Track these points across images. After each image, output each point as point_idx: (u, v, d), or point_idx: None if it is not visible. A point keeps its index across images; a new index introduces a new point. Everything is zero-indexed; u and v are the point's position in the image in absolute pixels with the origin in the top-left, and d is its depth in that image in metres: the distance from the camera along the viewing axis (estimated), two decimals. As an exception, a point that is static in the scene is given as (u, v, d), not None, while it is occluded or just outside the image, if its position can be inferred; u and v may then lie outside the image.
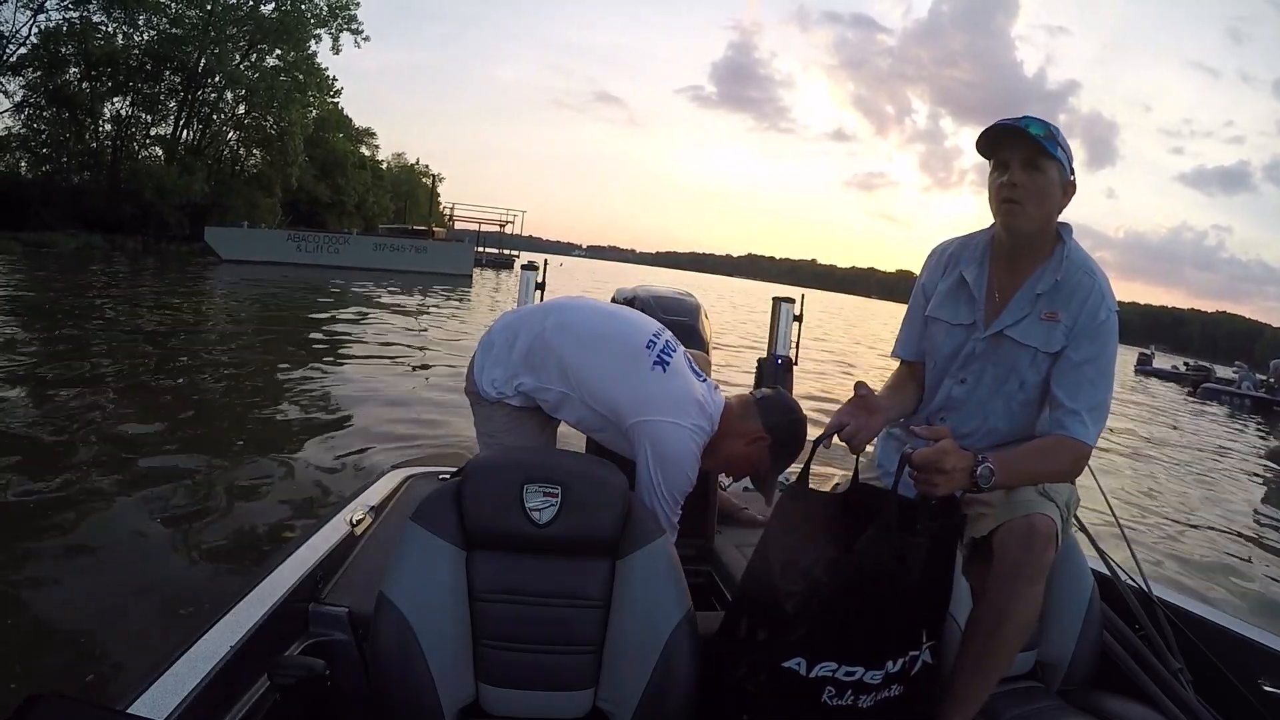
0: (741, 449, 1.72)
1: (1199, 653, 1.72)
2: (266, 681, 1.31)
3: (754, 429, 1.70)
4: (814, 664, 1.34)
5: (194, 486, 4.27)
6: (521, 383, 1.76)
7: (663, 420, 1.63)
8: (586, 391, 1.70)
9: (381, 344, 10.58)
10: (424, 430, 5.99)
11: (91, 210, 25.21)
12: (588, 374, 1.70)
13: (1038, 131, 1.46)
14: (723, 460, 1.76)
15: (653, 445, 1.63)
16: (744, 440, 1.71)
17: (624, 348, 1.71)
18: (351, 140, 45.71)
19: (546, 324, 1.77)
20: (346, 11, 32.25)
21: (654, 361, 1.68)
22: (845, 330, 31.04)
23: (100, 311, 11.28)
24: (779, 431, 1.71)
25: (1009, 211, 1.52)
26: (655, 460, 1.63)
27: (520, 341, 1.77)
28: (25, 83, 26.16)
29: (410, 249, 28.39)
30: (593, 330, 1.77)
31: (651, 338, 1.73)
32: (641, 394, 1.66)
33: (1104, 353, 1.51)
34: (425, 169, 63.35)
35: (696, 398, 1.69)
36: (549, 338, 1.74)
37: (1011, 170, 1.49)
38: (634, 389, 1.66)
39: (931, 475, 1.34)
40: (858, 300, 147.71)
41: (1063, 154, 1.47)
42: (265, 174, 33.35)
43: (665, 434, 1.63)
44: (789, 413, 1.75)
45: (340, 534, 1.80)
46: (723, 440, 1.71)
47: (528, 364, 1.76)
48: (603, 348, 1.72)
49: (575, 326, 1.77)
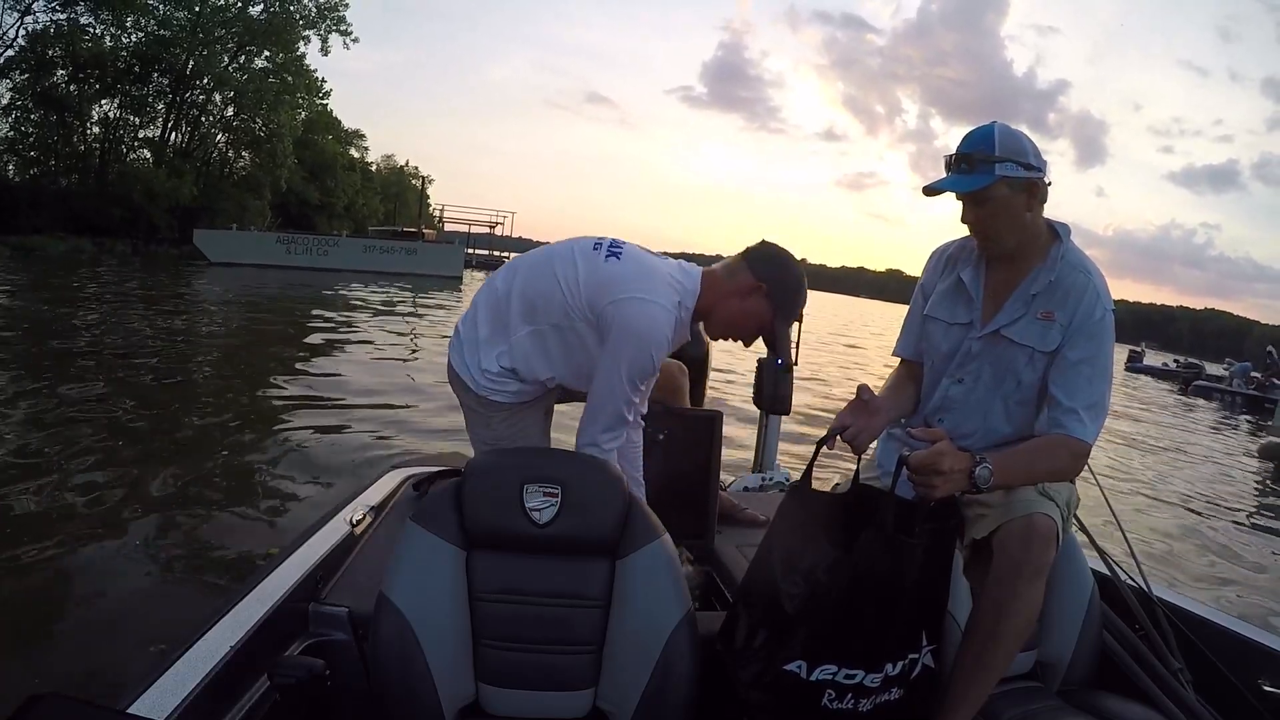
0: (739, 306, 1.67)
1: (1199, 653, 1.72)
2: (266, 681, 1.30)
3: (746, 281, 1.65)
4: (814, 667, 1.34)
5: (193, 487, 4.26)
6: (500, 352, 1.72)
7: (631, 297, 1.58)
8: (552, 307, 1.66)
9: (376, 344, 10.57)
10: (424, 430, 6.00)
11: (80, 213, 25.03)
12: (543, 287, 1.66)
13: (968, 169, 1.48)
14: (723, 323, 1.71)
15: (620, 324, 1.58)
16: (739, 297, 1.66)
17: (570, 253, 1.67)
18: (341, 142, 45.67)
19: (495, 282, 1.76)
20: (335, 13, 32.24)
21: (606, 256, 1.65)
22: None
23: (90, 314, 11.22)
24: (774, 277, 1.66)
25: (979, 242, 1.59)
26: (620, 337, 1.58)
27: (481, 314, 1.75)
28: (12, 85, 26.10)
29: (400, 251, 28.32)
30: (534, 256, 1.75)
31: (596, 241, 1.69)
32: (602, 282, 1.61)
33: (1100, 351, 1.52)
34: (415, 171, 63.24)
35: (664, 272, 1.65)
36: (498, 286, 1.73)
37: (964, 209, 1.54)
38: (594, 282, 1.62)
39: (929, 477, 1.34)
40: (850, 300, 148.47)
41: (1005, 165, 1.46)
42: (254, 176, 33.25)
43: (633, 309, 1.58)
44: (781, 256, 1.69)
45: (340, 534, 1.79)
46: (716, 304, 1.67)
47: (495, 329, 1.73)
48: (551, 261, 1.69)
49: (517, 264, 1.76)
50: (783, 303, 1.68)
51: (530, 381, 1.76)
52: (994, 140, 1.47)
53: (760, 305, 1.67)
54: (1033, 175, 1.49)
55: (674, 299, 1.63)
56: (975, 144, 1.49)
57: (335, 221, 42.15)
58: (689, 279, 1.68)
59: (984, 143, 1.48)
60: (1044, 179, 1.50)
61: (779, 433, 3.39)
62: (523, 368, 1.74)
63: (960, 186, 1.49)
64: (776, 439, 3.38)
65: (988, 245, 1.58)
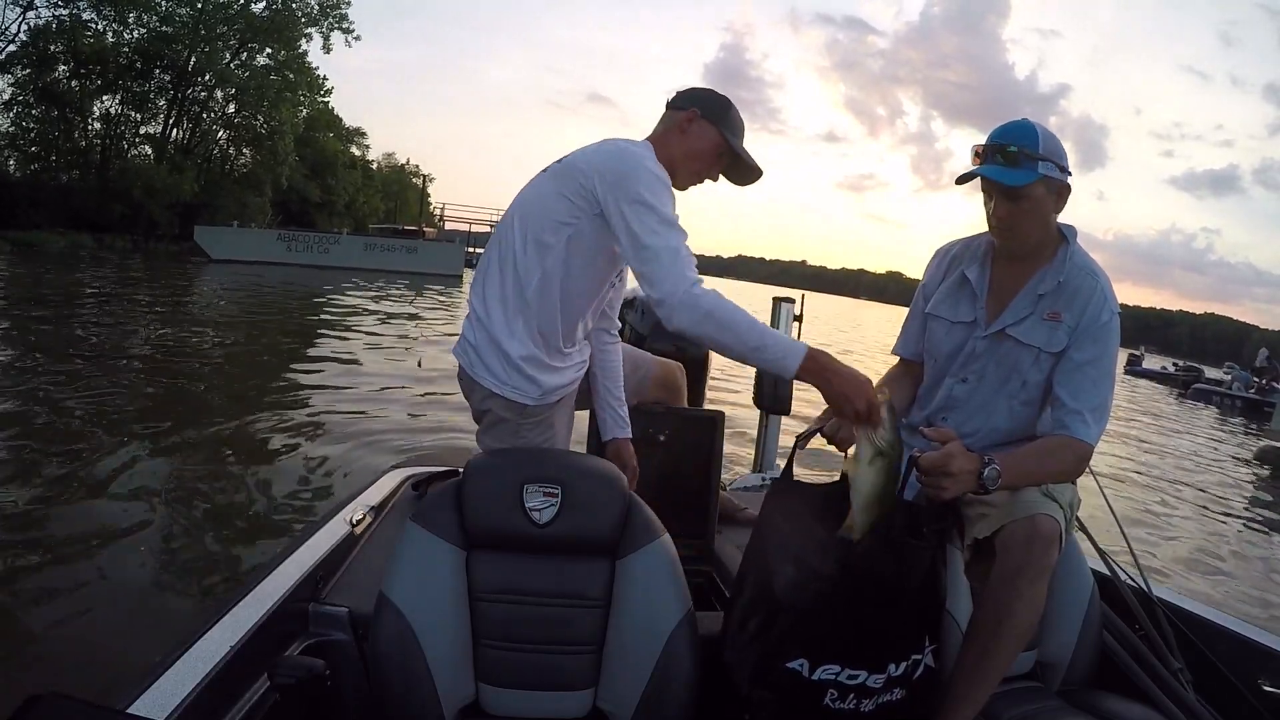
0: (684, 142, 1.68)
1: (1199, 653, 1.72)
2: (266, 681, 1.30)
3: (678, 117, 1.68)
4: (816, 666, 1.34)
5: (193, 487, 4.26)
6: (515, 324, 1.63)
7: (602, 147, 1.60)
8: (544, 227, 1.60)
9: (376, 344, 10.56)
10: (424, 430, 6.00)
11: (80, 209, 25.01)
12: (531, 218, 1.62)
13: (1011, 150, 1.47)
14: (682, 164, 1.68)
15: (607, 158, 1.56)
16: (679, 133, 1.68)
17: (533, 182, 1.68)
18: (342, 140, 45.63)
19: (490, 250, 1.73)
20: (337, 10, 32.18)
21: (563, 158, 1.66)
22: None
23: (89, 310, 11.22)
24: (699, 99, 1.69)
25: (1003, 238, 1.57)
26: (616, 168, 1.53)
27: (486, 290, 1.69)
28: (14, 80, 26.04)
29: (401, 249, 28.27)
30: (506, 216, 1.73)
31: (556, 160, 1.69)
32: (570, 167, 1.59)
33: (1106, 353, 1.52)
34: (416, 169, 63.20)
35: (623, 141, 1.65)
36: (496, 244, 1.71)
37: (995, 203, 1.52)
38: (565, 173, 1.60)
39: (938, 479, 1.34)
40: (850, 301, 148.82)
41: (1047, 165, 1.47)
42: (255, 173, 33.16)
43: (612, 148, 1.59)
44: (694, 88, 1.73)
45: (340, 534, 1.79)
46: (670, 153, 1.66)
47: (503, 289, 1.65)
48: (524, 203, 1.67)
49: (495, 236, 1.74)
50: (720, 117, 1.69)
51: (565, 346, 1.68)
52: (1037, 137, 1.47)
53: (703, 128, 1.68)
54: (1066, 179, 1.51)
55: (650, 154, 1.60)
56: (1016, 137, 1.48)
57: (336, 219, 42.11)
58: (641, 146, 1.66)
59: (1026, 138, 1.47)
60: (1067, 189, 1.52)
61: (779, 433, 3.39)
62: (553, 328, 1.65)
63: (1007, 179, 1.47)
64: (777, 439, 3.38)
65: (1010, 242, 1.56)
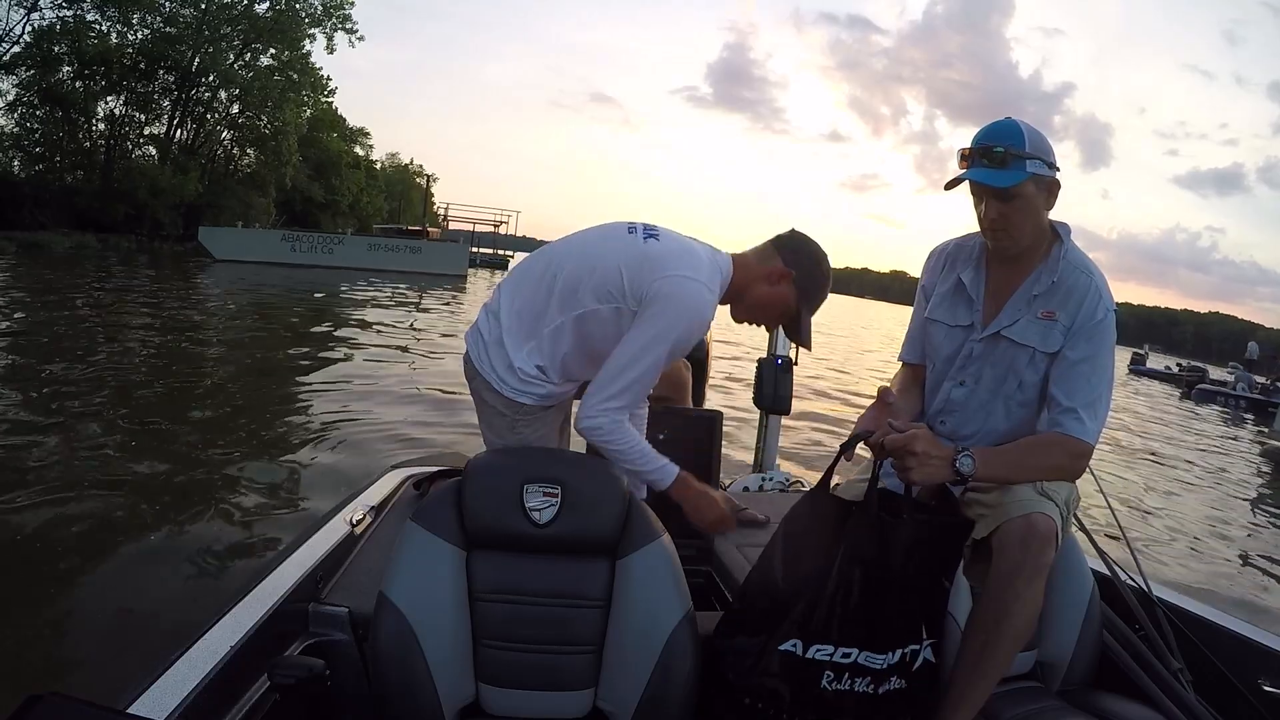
0: (767, 291, 1.68)
1: (1199, 653, 1.72)
2: (266, 681, 1.30)
3: (776, 267, 1.66)
4: (809, 645, 1.35)
5: (193, 487, 4.26)
6: (531, 349, 1.67)
7: (678, 275, 1.56)
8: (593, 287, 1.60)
9: (378, 343, 10.56)
10: (424, 430, 5.99)
11: (85, 210, 25.03)
12: (582, 268, 1.62)
13: (998, 152, 1.46)
14: (750, 306, 1.71)
15: (667, 297, 1.54)
16: (768, 281, 1.67)
17: (606, 236, 1.66)
18: (345, 140, 45.66)
19: (526, 272, 1.71)
20: (341, 11, 32.14)
21: (644, 239, 1.63)
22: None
23: (94, 311, 11.24)
24: (803, 265, 1.68)
25: (996, 240, 1.55)
26: (665, 308, 1.54)
27: (508, 307, 1.70)
28: (18, 81, 26.01)
29: (405, 249, 28.26)
30: (568, 243, 1.71)
31: (629, 225, 1.67)
32: (647, 260, 1.58)
33: (1101, 351, 1.52)
34: (419, 169, 63.38)
35: (701, 252, 1.64)
36: (531, 274, 1.67)
37: (986, 205, 1.51)
38: (636, 261, 1.58)
39: (904, 459, 1.39)
40: (852, 300, 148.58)
41: (1035, 163, 1.46)
42: (259, 174, 33.23)
43: (681, 287, 1.55)
44: (809, 246, 1.70)
45: (340, 534, 1.80)
46: (745, 288, 1.68)
47: (525, 321, 1.67)
48: (587, 244, 1.67)
49: (550, 251, 1.71)
50: (808, 290, 1.69)
51: (560, 382, 1.72)
52: (1023, 136, 1.46)
53: (787, 292, 1.68)
54: (1055, 175, 1.49)
55: (716, 280, 1.63)
56: (1000, 138, 1.47)
57: (340, 219, 42.21)
58: (723, 260, 1.68)
59: (1011, 137, 1.46)
60: (1057, 184, 1.51)
61: (779, 433, 3.39)
62: (553, 366, 1.69)
63: (995, 181, 1.46)
64: (777, 439, 3.38)
65: (1003, 244, 1.55)
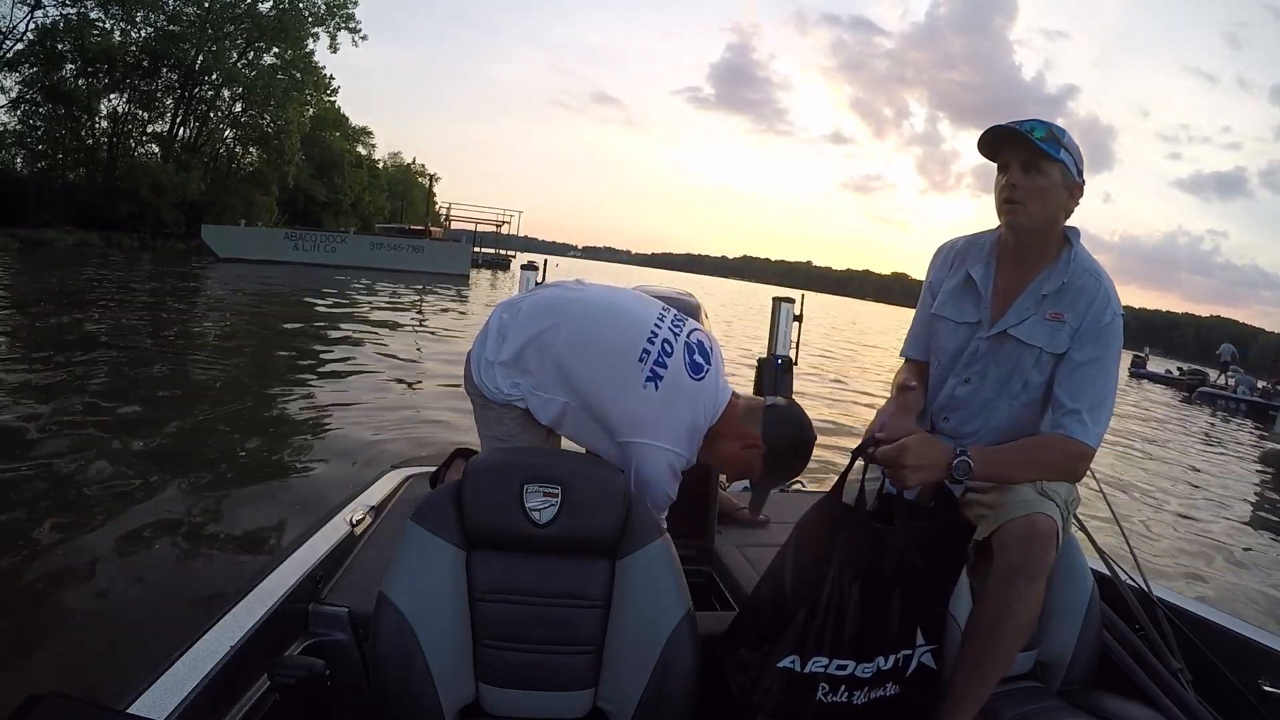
0: (736, 451, 1.67)
1: (1199, 653, 1.72)
2: (266, 681, 1.31)
3: (751, 434, 1.64)
4: (806, 660, 1.36)
5: (193, 487, 4.26)
6: (518, 383, 1.70)
7: (645, 442, 1.60)
8: (584, 403, 1.66)
9: (380, 343, 10.56)
10: (424, 430, 5.99)
11: (88, 207, 25.07)
12: (585, 386, 1.66)
13: (1039, 134, 1.48)
14: (717, 456, 1.71)
15: (636, 466, 1.61)
16: (740, 443, 1.65)
17: (619, 360, 1.64)
18: (348, 139, 45.76)
19: (528, 324, 1.71)
20: (344, 10, 32.15)
21: (646, 378, 1.61)
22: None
23: (95, 310, 11.24)
24: (776, 445, 1.65)
25: (1010, 211, 1.54)
26: (636, 479, 1.60)
27: (504, 343, 1.71)
28: (21, 79, 26.00)
29: (407, 248, 28.26)
30: (589, 334, 1.69)
31: (646, 344, 1.64)
32: (630, 414, 1.62)
33: (1106, 354, 1.52)
34: (422, 168, 63.37)
35: (682, 419, 1.64)
36: (545, 339, 1.68)
37: (1011, 172, 1.52)
38: (625, 408, 1.62)
39: (897, 470, 1.40)
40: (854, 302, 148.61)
41: (1067, 155, 1.49)
42: (262, 172, 33.23)
43: (644, 456, 1.60)
44: (794, 428, 1.67)
45: (340, 534, 1.80)
46: (720, 437, 1.67)
47: (516, 367, 1.70)
48: (600, 360, 1.66)
49: (574, 329, 1.69)
50: (773, 468, 1.70)
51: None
52: (1065, 133, 1.51)
53: (752, 461, 1.68)
54: (1080, 180, 1.53)
55: (691, 446, 1.65)
56: (1044, 124, 1.50)
57: (342, 218, 42.18)
58: (722, 398, 1.69)
59: (1054, 128, 1.50)
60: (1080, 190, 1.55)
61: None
62: (535, 406, 1.72)
63: (1037, 137, 1.48)
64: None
65: (1017, 217, 1.54)
